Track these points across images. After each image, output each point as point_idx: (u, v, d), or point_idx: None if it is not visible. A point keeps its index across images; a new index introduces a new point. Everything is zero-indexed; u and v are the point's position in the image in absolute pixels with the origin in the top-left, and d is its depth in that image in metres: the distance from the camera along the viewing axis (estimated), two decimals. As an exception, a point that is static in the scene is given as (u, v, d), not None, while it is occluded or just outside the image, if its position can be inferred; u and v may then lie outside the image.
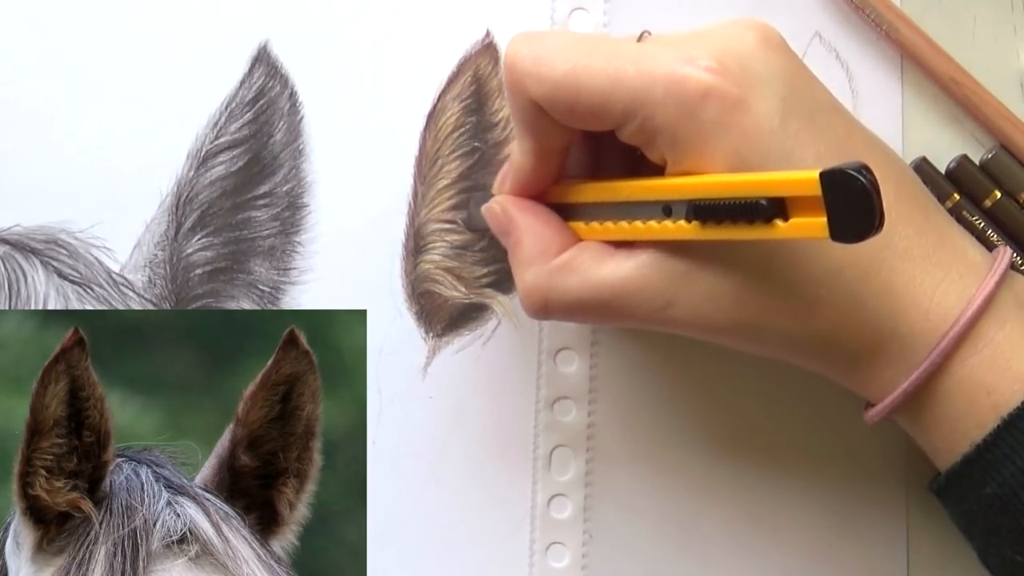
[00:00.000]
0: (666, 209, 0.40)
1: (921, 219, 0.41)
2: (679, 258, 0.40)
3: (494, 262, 0.49)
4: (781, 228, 0.37)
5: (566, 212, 0.44)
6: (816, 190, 0.36)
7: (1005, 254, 0.41)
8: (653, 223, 0.40)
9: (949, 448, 0.41)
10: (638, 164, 0.43)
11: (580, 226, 0.43)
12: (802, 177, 0.36)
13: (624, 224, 0.41)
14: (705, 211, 0.39)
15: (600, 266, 0.41)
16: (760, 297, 0.40)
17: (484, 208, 0.45)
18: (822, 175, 0.35)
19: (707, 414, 0.49)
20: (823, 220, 0.36)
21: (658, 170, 0.41)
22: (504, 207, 0.44)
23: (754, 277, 0.40)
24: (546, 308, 0.42)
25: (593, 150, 0.44)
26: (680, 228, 0.40)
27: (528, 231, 0.43)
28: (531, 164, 0.43)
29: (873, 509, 0.48)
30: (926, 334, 0.40)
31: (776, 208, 0.37)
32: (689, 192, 0.39)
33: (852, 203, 0.35)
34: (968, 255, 0.41)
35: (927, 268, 0.40)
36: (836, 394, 0.44)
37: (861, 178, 0.35)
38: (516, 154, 0.43)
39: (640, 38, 0.42)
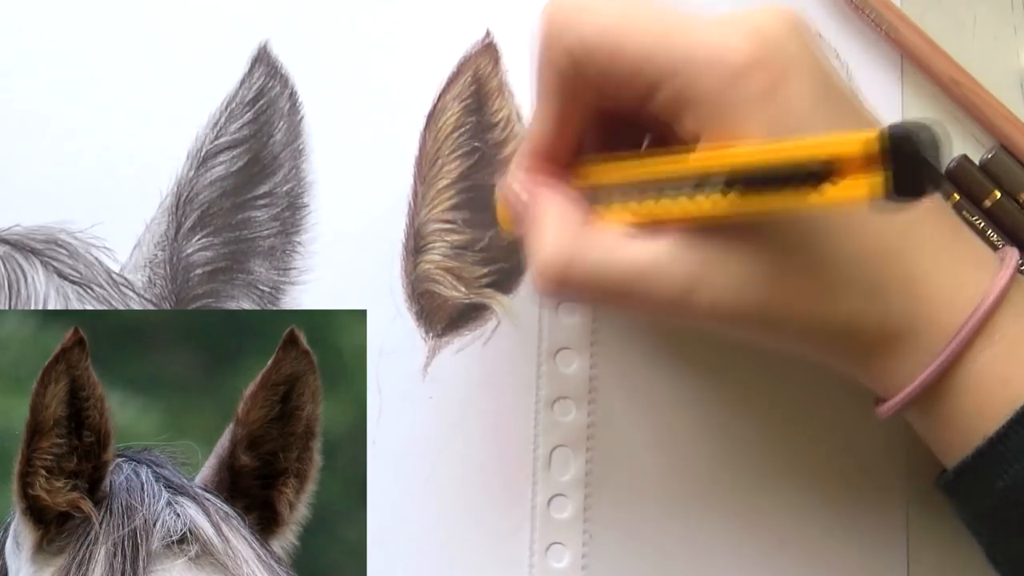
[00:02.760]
0: (698, 185, 0.38)
1: (937, 213, 0.41)
2: (706, 240, 0.39)
3: (494, 262, 0.49)
4: (831, 192, 0.35)
5: (586, 198, 0.42)
6: (875, 148, 0.34)
7: (1013, 253, 0.42)
8: (684, 199, 0.39)
9: (961, 442, 0.41)
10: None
11: (601, 210, 0.41)
12: (860, 137, 0.35)
13: (651, 203, 0.40)
14: (748, 180, 0.37)
15: (626, 244, 0.40)
16: (787, 279, 0.39)
17: (500, 192, 0.44)
18: (891, 127, 0.34)
19: (707, 414, 0.49)
20: (879, 180, 0.34)
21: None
22: (523, 185, 0.43)
23: (782, 259, 0.39)
24: (565, 279, 0.40)
25: (601, 136, 0.43)
26: (716, 203, 0.38)
27: (551, 203, 0.42)
28: (551, 130, 0.42)
29: (873, 509, 0.48)
30: (943, 326, 0.40)
31: (825, 174, 0.36)
32: (732, 161, 0.38)
33: (916, 160, 0.34)
34: (979, 251, 0.41)
35: (944, 261, 0.40)
36: (838, 395, 0.44)
37: (934, 129, 0.34)
38: (535, 123, 0.42)
39: None
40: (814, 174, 0.36)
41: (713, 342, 0.48)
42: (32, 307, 0.48)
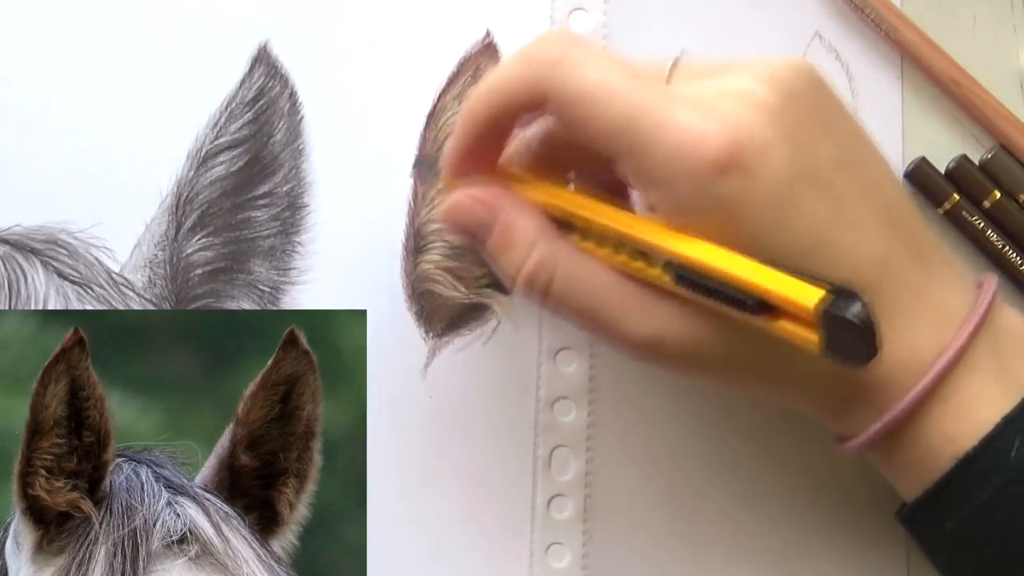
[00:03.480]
0: (646, 254, 0.39)
1: (906, 268, 0.40)
2: (672, 295, 0.39)
3: (494, 262, 0.49)
4: (767, 322, 0.37)
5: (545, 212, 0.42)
6: (808, 313, 0.36)
7: (987, 291, 0.41)
8: (640, 263, 0.39)
9: (913, 487, 0.42)
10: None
11: (564, 229, 0.41)
12: (800, 300, 0.36)
13: (609, 249, 0.40)
14: (686, 276, 0.38)
15: (604, 273, 0.40)
16: (751, 335, 0.39)
17: (453, 204, 0.42)
18: (820, 316, 0.36)
19: (707, 414, 0.49)
20: (814, 338, 0.36)
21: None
22: (481, 193, 0.41)
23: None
24: (547, 290, 0.41)
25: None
26: (660, 277, 0.39)
27: (522, 211, 0.41)
28: (479, 142, 0.41)
29: (874, 506, 0.48)
30: (895, 385, 0.40)
31: (762, 306, 0.37)
32: (676, 251, 0.38)
33: (848, 338, 0.36)
34: (947, 303, 0.41)
35: (907, 321, 0.40)
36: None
37: (859, 323, 0.35)
38: (467, 129, 0.41)
39: (674, 63, 0.41)
40: (753, 306, 0.37)
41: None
42: (32, 307, 0.48)
